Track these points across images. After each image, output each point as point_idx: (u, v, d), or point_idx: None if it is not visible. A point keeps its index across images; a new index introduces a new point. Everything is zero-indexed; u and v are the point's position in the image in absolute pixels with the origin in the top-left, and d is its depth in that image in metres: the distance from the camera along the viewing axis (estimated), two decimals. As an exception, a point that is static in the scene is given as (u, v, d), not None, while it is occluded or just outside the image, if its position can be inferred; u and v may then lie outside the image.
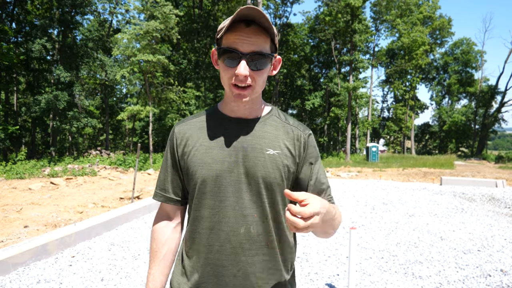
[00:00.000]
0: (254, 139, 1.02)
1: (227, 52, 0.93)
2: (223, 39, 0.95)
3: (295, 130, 1.07)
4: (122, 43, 19.03)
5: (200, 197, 1.01)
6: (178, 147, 1.06)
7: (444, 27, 41.27)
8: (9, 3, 21.15)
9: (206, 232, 1.01)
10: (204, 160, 1.00)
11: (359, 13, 26.05)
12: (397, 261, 3.93)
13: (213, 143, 1.02)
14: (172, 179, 1.10)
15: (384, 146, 48.87)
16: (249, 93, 0.96)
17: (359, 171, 15.38)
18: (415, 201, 7.59)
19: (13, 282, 3.27)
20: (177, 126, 1.09)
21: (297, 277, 3.47)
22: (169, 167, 1.10)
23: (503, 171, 15.93)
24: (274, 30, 0.95)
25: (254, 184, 0.99)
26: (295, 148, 1.05)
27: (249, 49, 0.92)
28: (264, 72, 0.97)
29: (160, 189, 1.12)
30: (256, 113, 1.06)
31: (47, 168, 12.45)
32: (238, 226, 0.99)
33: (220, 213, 0.99)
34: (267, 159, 1.00)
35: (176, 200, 1.11)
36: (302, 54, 35.99)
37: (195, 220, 1.03)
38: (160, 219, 1.14)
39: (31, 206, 6.36)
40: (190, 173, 1.03)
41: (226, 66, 0.95)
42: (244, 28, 0.91)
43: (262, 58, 0.94)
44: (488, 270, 3.64)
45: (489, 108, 38.82)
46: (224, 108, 1.07)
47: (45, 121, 23.83)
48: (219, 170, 0.99)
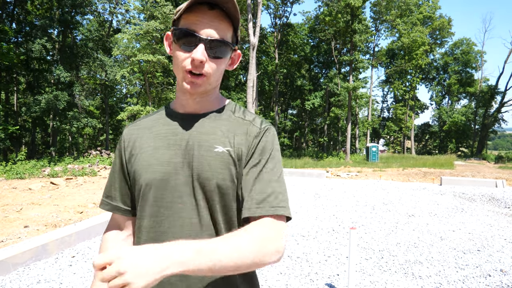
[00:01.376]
0: (202, 136, 0.89)
1: (185, 34, 0.83)
2: (181, 20, 0.85)
3: (250, 125, 0.92)
4: (122, 43, 19.07)
5: (142, 204, 0.89)
6: (125, 151, 0.95)
7: (444, 27, 41.27)
8: (9, 3, 21.15)
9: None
10: (149, 162, 0.89)
11: (359, 13, 26.05)
12: (397, 261, 3.93)
13: (159, 143, 0.90)
14: (120, 186, 0.98)
15: (384, 146, 48.88)
16: (203, 81, 0.85)
17: (359, 171, 15.39)
18: (415, 201, 7.59)
19: (13, 282, 3.27)
20: (126, 128, 1.00)
21: (297, 277, 3.48)
22: (116, 173, 0.98)
23: (503, 171, 15.94)
24: (239, 18, 0.86)
25: (202, 187, 0.86)
26: (248, 145, 0.89)
27: (208, 34, 0.82)
28: (223, 62, 0.87)
29: (106, 197, 0.99)
30: (208, 108, 0.94)
31: (47, 168, 12.45)
32: (186, 236, 0.84)
33: (165, 222, 0.86)
34: (216, 157, 0.87)
35: (124, 210, 0.98)
36: (302, 54, 36.00)
37: (138, 231, 0.91)
38: (110, 228, 1.02)
39: (31, 206, 6.36)
40: (135, 177, 0.91)
41: (181, 50, 0.84)
42: (207, 10, 0.82)
43: (222, 46, 0.84)
44: (488, 270, 3.65)
45: (489, 108, 38.82)
46: (175, 104, 0.96)
47: (45, 121, 23.84)
48: (164, 173, 0.87)
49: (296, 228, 5.32)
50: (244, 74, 35.85)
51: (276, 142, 0.93)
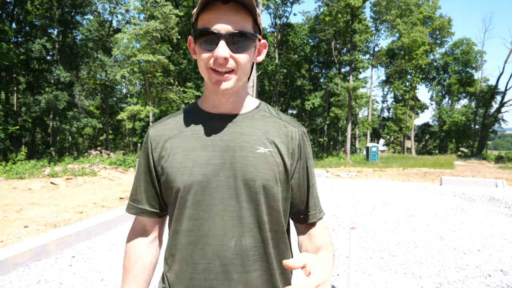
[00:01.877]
0: (241, 137, 0.88)
1: (203, 34, 0.81)
2: (198, 21, 0.83)
3: (288, 126, 0.94)
4: (122, 43, 19.05)
5: (181, 207, 0.87)
6: (154, 152, 0.92)
7: (444, 27, 41.29)
8: (9, 3, 21.15)
9: (189, 248, 0.86)
10: (185, 164, 0.86)
11: (359, 13, 26.05)
12: (397, 261, 3.93)
13: (194, 144, 0.88)
14: (145, 189, 0.95)
15: (384, 146, 48.87)
16: (230, 78, 0.83)
17: (359, 171, 15.39)
18: (415, 201, 7.59)
19: (13, 282, 3.27)
20: (151, 128, 0.95)
21: (298, 277, 3.47)
22: (142, 175, 0.95)
23: (503, 171, 15.94)
24: (256, 8, 0.83)
25: (245, 188, 0.86)
26: (288, 146, 0.92)
27: (228, 29, 0.80)
28: (247, 54, 0.84)
29: (133, 200, 0.97)
30: (241, 108, 0.93)
31: (47, 168, 12.45)
32: (227, 239, 0.84)
33: (205, 224, 0.85)
34: (259, 158, 0.87)
35: (151, 212, 0.96)
36: (302, 54, 36.00)
37: (175, 234, 0.89)
38: (134, 233, 0.99)
39: (31, 206, 6.36)
40: (168, 180, 0.88)
41: (203, 50, 0.82)
42: (221, 5, 0.80)
43: (244, 39, 0.82)
44: (488, 270, 3.64)
45: (489, 108, 38.82)
46: (204, 104, 0.94)
47: (45, 121, 23.83)
48: (203, 175, 0.85)
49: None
50: (244, 74, 35.79)
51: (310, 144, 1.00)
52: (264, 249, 0.88)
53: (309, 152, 0.97)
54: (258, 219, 0.87)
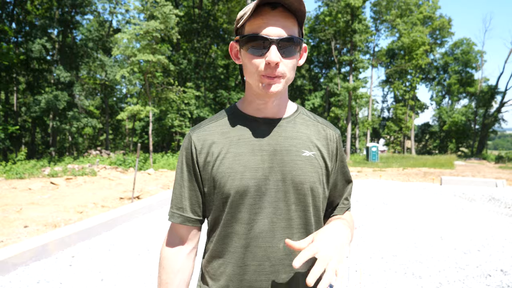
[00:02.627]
0: (287, 141, 0.91)
1: (253, 39, 0.81)
2: (245, 26, 0.84)
3: (326, 129, 0.99)
4: (122, 43, 19.04)
5: (233, 211, 0.88)
6: (199, 157, 0.91)
7: (444, 27, 41.30)
8: (9, 3, 21.16)
9: (241, 251, 0.88)
10: (235, 169, 0.87)
11: (359, 13, 26.06)
12: (397, 261, 3.93)
13: (242, 149, 0.89)
14: (190, 195, 0.94)
15: (384, 146, 48.85)
16: (280, 82, 0.85)
17: (359, 171, 15.39)
18: (415, 201, 7.59)
19: (13, 282, 3.27)
20: (194, 133, 0.93)
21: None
22: (185, 181, 0.93)
23: (503, 171, 15.94)
24: (305, 11, 0.83)
25: (294, 191, 0.89)
26: (328, 149, 0.97)
27: (278, 34, 0.81)
28: (295, 58, 0.86)
29: (177, 208, 0.94)
30: (284, 111, 0.95)
31: (47, 168, 12.46)
32: (277, 241, 0.87)
33: (256, 227, 0.87)
34: (305, 161, 0.90)
35: (194, 220, 0.94)
36: (302, 54, 35.95)
37: (226, 238, 0.90)
38: (172, 243, 0.96)
39: (31, 206, 6.36)
40: (218, 185, 0.88)
41: (252, 56, 0.83)
42: (270, 11, 0.81)
43: (292, 44, 0.83)
44: (488, 270, 3.64)
45: (489, 108, 38.81)
46: (247, 108, 0.94)
47: (45, 121, 23.83)
48: (254, 179, 0.87)
49: (296, 228, 5.31)
50: (244, 74, 35.81)
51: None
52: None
53: (343, 153, 1.02)
54: (306, 220, 0.91)
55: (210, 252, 0.94)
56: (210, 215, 0.94)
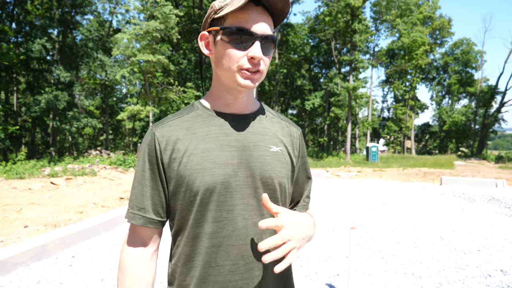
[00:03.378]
0: (255, 136, 0.90)
1: (238, 32, 0.81)
2: (227, 18, 0.83)
3: (289, 126, 1.01)
4: (122, 43, 19.05)
5: (202, 210, 0.85)
6: (163, 154, 0.86)
7: (444, 27, 41.28)
8: (9, 3, 21.16)
9: (213, 251, 0.85)
10: (204, 166, 0.84)
11: (359, 13, 26.05)
12: (397, 261, 3.93)
13: (210, 145, 0.86)
14: (152, 195, 0.88)
15: (384, 146, 48.85)
16: (258, 78, 0.85)
17: (359, 171, 15.39)
18: (415, 201, 7.59)
19: (13, 282, 3.27)
20: (157, 129, 0.89)
21: (297, 277, 3.47)
22: (147, 180, 0.88)
23: (503, 171, 15.94)
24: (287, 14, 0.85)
25: (264, 186, 0.88)
26: (293, 145, 0.98)
27: (263, 30, 0.82)
28: (270, 57, 0.88)
29: (139, 209, 0.88)
30: (251, 107, 0.95)
31: (47, 168, 12.46)
32: (250, 238, 0.86)
33: (229, 225, 0.85)
34: (273, 157, 0.91)
35: (157, 222, 0.89)
36: (302, 54, 35.99)
37: (196, 239, 0.86)
38: (133, 246, 0.89)
39: (31, 206, 6.36)
40: (186, 183, 0.85)
41: (234, 48, 0.82)
42: (254, 6, 0.82)
43: (272, 42, 0.85)
44: (488, 270, 3.64)
45: (489, 108, 38.80)
46: (214, 104, 0.92)
47: (45, 121, 23.84)
48: (224, 175, 0.85)
49: (296, 228, 5.31)
50: (244, 74, 35.77)
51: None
52: None
53: (305, 151, 1.05)
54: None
55: (177, 256, 0.89)
56: (175, 216, 0.89)
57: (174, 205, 0.89)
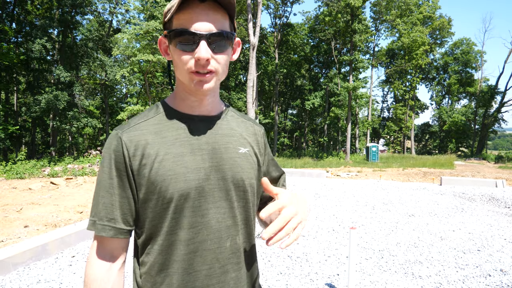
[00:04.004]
0: (224, 138, 0.89)
1: (181, 34, 0.77)
2: (173, 20, 0.79)
3: (253, 126, 1.01)
4: (122, 43, 19.06)
5: (177, 217, 0.81)
6: (132, 160, 0.81)
7: (444, 27, 41.28)
8: (9, 3, 21.16)
9: (190, 257, 0.82)
10: (177, 171, 0.81)
11: (359, 13, 26.06)
12: (397, 261, 3.93)
13: (181, 149, 0.83)
14: (121, 204, 0.82)
15: (384, 146, 48.87)
16: (212, 78, 0.81)
17: (359, 171, 15.39)
18: (415, 201, 7.59)
19: (13, 282, 3.27)
20: (124, 133, 0.83)
21: (297, 277, 3.48)
22: (116, 188, 0.82)
23: (503, 171, 15.94)
24: (234, 4, 0.81)
25: (235, 189, 0.87)
26: (258, 145, 0.98)
27: (208, 28, 0.77)
28: (226, 54, 0.82)
29: (108, 220, 0.82)
30: (217, 108, 0.92)
31: (47, 168, 12.46)
32: (223, 241, 0.85)
33: (203, 230, 0.83)
34: (243, 158, 0.90)
35: (127, 231, 0.84)
36: (302, 54, 35.99)
37: (171, 247, 0.82)
38: (102, 259, 0.83)
39: (31, 206, 6.36)
40: (158, 189, 0.80)
41: (181, 52, 0.78)
42: (199, 4, 0.77)
43: (222, 39, 0.80)
44: (488, 270, 3.65)
45: (489, 108, 38.82)
46: (180, 105, 0.88)
47: (45, 121, 23.85)
48: (197, 180, 0.82)
49: (296, 228, 5.31)
50: (244, 74, 35.87)
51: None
52: (250, 241, 0.93)
53: (269, 148, 1.07)
54: (247, 216, 0.91)
55: (149, 266, 0.84)
56: (145, 224, 0.84)
57: (144, 213, 0.84)
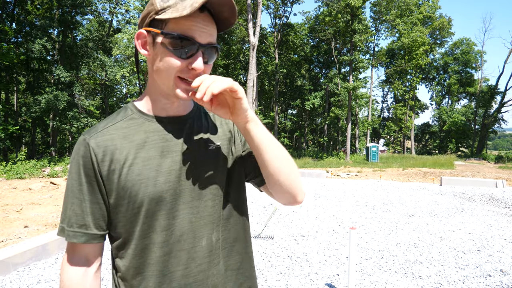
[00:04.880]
0: (195, 136, 0.89)
1: (181, 40, 0.76)
2: (169, 22, 0.77)
3: (219, 117, 0.98)
4: (122, 43, 19.06)
5: (149, 221, 0.81)
6: (101, 165, 0.80)
7: (444, 27, 41.29)
8: (9, 3, 21.15)
9: (164, 259, 0.82)
10: (146, 175, 0.81)
11: (359, 13, 26.05)
12: (397, 261, 3.93)
13: (151, 152, 0.83)
14: (92, 210, 0.82)
15: (384, 146, 48.88)
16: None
17: (359, 171, 15.39)
18: (415, 201, 7.59)
19: (13, 282, 3.27)
20: (91, 138, 0.82)
21: (297, 277, 3.48)
22: (86, 194, 0.81)
23: (503, 171, 15.94)
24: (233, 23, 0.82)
25: (207, 187, 0.86)
26: (230, 132, 0.96)
27: (207, 40, 0.79)
28: (211, 66, 0.85)
29: (79, 226, 0.81)
30: (187, 107, 0.92)
31: (47, 168, 12.47)
32: (198, 240, 0.84)
33: (176, 231, 0.82)
34: (213, 155, 0.89)
35: (100, 236, 0.84)
36: (302, 54, 36.00)
37: (144, 251, 0.82)
38: (76, 266, 0.83)
39: (31, 206, 6.37)
40: (128, 195, 0.80)
41: (173, 55, 0.78)
42: (199, 14, 0.77)
43: (215, 52, 0.82)
44: (488, 270, 3.65)
45: (489, 108, 38.82)
46: (150, 108, 0.88)
47: (45, 121, 23.85)
48: (168, 183, 0.82)
49: (296, 228, 5.32)
50: (244, 74, 35.85)
51: None
52: (235, 236, 0.92)
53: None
54: (229, 211, 0.90)
55: (125, 270, 0.84)
56: (117, 229, 0.84)
57: (116, 218, 0.84)
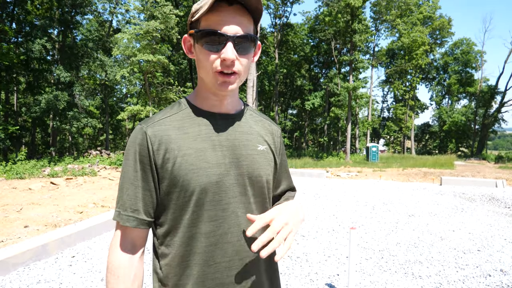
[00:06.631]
0: (244, 136, 0.93)
1: (209, 34, 0.81)
2: (201, 21, 0.83)
3: (271, 125, 1.05)
4: (122, 43, 19.03)
5: (198, 210, 0.86)
6: (156, 153, 0.85)
7: (444, 27, 41.26)
8: (9, 3, 21.14)
9: (210, 250, 0.86)
10: (199, 166, 0.85)
11: (359, 13, 26.04)
12: (397, 261, 3.93)
13: (203, 145, 0.87)
14: (144, 196, 0.87)
15: (384, 146, 48.87)
16: (235, 79, 0.85)
17: (359, 171, 15.39)
18: (415, 201, 7.59)
19: (13, 282, 3.27)
20: (148, 127, 0.87)
21: (297, 277, 3.48)
22: (139, 181, 0.86)
23: (503, 171, 15.93)
24: (262, 10, 0.85)
25: (253, 184, 0.92)
26: (274, 143, 1.03)
27: (235, 31, 0.81)
28: (250, 57, 0.87)
29: (133, 211, 0.86)
30: (237, 107, 0.97)
31: (47, 168, 12.46)
32: (243, 234, 0.89)
33: (224, 223, 0.87)
34: (261, 155, 0.95)
35: (148, 222, 0.89)
36: (302, 54, 35.99)
37: (192, 239, 0.86)
38: (125, 248, 0.88)
39: (31, 206, 6.36)
40: (181, 183, 0.85)
41: (207, 52, 0.82)
42: (227, 7, 0.81)
43: (247, 42, 0.84)
44: (488, 270, 3.65)
45: (489, 108, 38.78)
46: (202, 104, 0.93)
47: (45, 121, 23.84)
48: (218, 175, 0.86)
49: (296, 228, 5.31)
50: (244, 74, 35.78)
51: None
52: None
53: (284, 149, 1.11)
54: (264, 210, 0.96)
55: (171, 257, 0.88)
56: (167, 216, 0.88)
57: (166, 206, 0.88)
